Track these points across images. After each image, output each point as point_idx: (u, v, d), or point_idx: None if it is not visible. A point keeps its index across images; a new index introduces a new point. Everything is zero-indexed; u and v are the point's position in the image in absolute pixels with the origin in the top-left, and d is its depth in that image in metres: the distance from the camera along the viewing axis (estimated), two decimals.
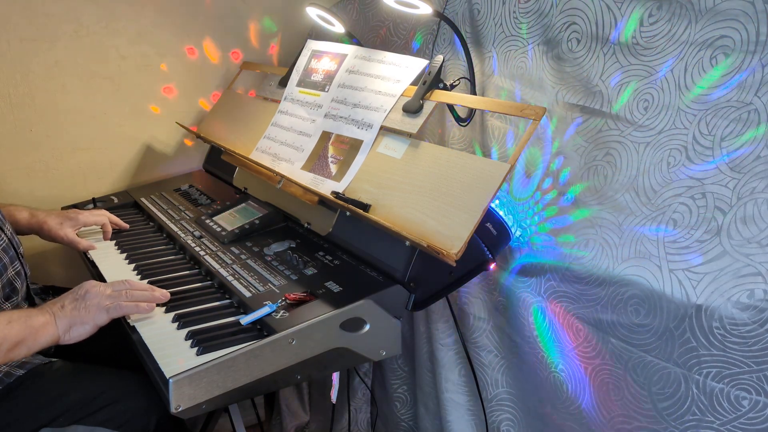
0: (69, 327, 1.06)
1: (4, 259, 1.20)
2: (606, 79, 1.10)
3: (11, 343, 1.00)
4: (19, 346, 1.01)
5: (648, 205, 1.03)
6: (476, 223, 1.01)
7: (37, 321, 1.04)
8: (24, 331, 1.01)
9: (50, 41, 1.68)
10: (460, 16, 1.40)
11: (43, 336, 1.03)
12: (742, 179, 0.92)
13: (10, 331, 1.00)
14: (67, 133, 1.76)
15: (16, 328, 1.01)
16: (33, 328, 1.03)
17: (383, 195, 1.19)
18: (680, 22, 1.00)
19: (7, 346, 0.99)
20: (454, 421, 1.49)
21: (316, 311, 1.05)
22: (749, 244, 0.90)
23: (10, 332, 1.00)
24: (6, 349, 0.99)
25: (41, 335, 1.03)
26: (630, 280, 1.04)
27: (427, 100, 1.24)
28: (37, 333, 1.03)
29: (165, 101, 1.89)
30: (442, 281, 1.18)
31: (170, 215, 1.61)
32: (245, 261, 1.30)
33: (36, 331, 1.03)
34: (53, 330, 1.04)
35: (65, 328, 1.05)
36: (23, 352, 1.02)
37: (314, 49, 1.58)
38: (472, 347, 1.41)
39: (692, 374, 0.97)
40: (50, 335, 1.04)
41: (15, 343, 1.00)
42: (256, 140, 1.58)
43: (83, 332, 1.07)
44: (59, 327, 1.05)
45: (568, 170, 1.17)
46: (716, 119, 0.95)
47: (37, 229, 1.45)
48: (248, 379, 0.97)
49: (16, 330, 1.00)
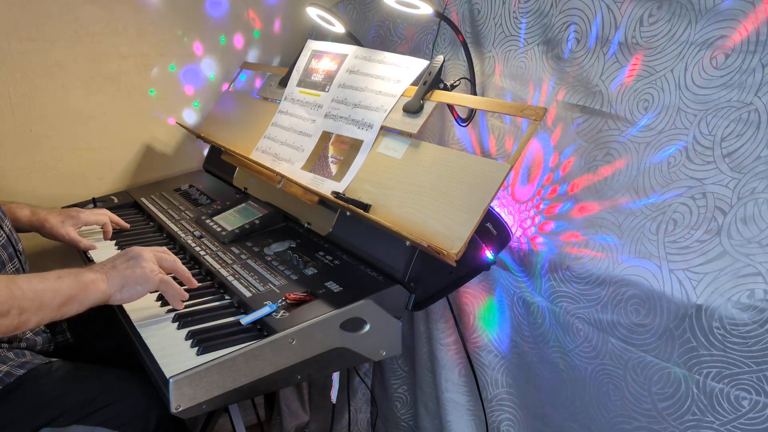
0: (122, 286, 1.05)
1: (3, 256, 1.20)
2: (606, 79, 1.10)
3: (64, 297, 0.99)
4: (71, 301, 1.00)
5: (648, 205, 1.03)
6: (477, 223, 1.01)
7: (87, 277, 1.03)
8: (75, 285, 1.00)
9: (50, 41, 1.68)
10: (460, 16, 1.41)
11: (93, 292, 1.02)
12: (742, 179, 0.92)
13: (61, 285, 0.99)
14: (67, 133, 1.76)
15: (67, 283, 1.00)
16: (84, 283, 1.02)
17: (383, 195, 1.19)
18: (680, 22, 1.00)
19: (59, 300, 0.98)
20: (454, 421, 1.49)
21: (316, 311, 1.05)
22: (749, 244, 0.90)
23: (61, 286, 0.99)
24: (58, 304, 0.98)
25: (92, 291, 1.02)
26: (630, 280, 1.04)
27: (427, 101, 1.24)
28: (88, 288, 1.02)
29: (165, 101, 1.89)
30: (443, 281, 1.18)
31: (170, 215, 1.61)
32: (245, 261, 1.30)
33: (86, 286, 1.02)
34: (104, 287, 1.04)
35: (117, 287, 1.05)
36: (75, 308, 1.01)
37: (314, 49, 1.58)
38: (472, 347, 1.41)
39: (692, 374, 0.97)
40: (101, 292, 1.03)
41: (67, 297, 0.99)
42: (256, 140, 1.58)
43: (134, 294, 1.07)
44: (111, 285, 1.04)
45: (568, 170, 1.17)
46: (716, 119, 0.95)
47: (38, 227, 1.45)
48: (248, 379, 0.97)
49: (67, 284, 1.00)
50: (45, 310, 0.98)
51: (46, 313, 0.98)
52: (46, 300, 0.97)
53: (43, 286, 0.98)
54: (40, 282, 0.98)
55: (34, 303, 0.96)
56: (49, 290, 0.98)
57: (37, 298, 0.96)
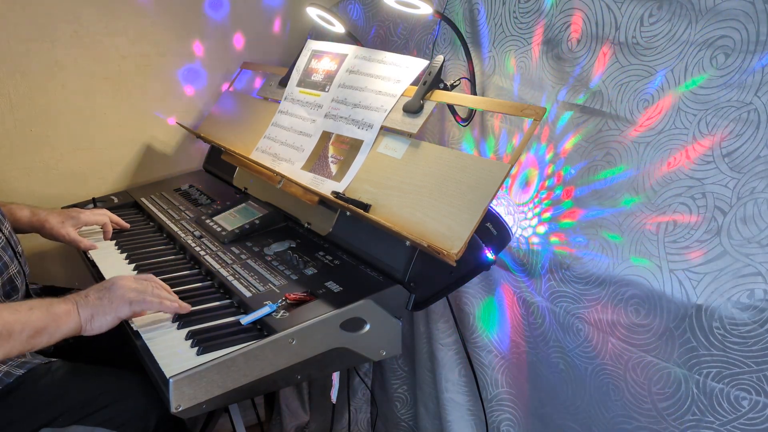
0: (91, 317, 1.04)
1: (4, 258, 1.20)
2: (606, 79, 1.10)
3: (33, 330, 0.98)
4: (41, 334, 0.99)
5: (648, 205, 1.03)
6: (477, 223, 1.01)
7: (59, 308, 1.02)
8: (46, 318, 1.00)
9: (50, 41, 1.68)
10: (460, 16, 1.40)
11: (65, 324, 1.02)
12: (742, 179, 0.92)
13: (30, 317, 0.98)
14: (67, 133, 1.76)
15: (37, 315, 0.99)
16: (55, 315, 1.01)
17: (383, 195, 1.19)
18: (680, 22, 1.00)
19: (28, 332, 0.98)
20: (454, 421, 1.49)
21: (316, 311, 1.05)
22: (749, 244, 0.90)
23: (30, 318, 0.98)
24: (27, 336, 0.98)
25: (63, 323, 1.02)
26: (630, 280, 1.04)
27: (427, 100, 1.24)
28: (59, 320, 1.01)
29: (165, 101, 1.89)
30: (443, 281, 1.18)
31: (170, 215, 1.61)
32: (245, 261, 1.30)
33: (58, 319, 1.01)
34: (75, 318, 1.03)
35: (87, 318, 1.04)
36: (44, 340, 1.00)
37: (314, 49, 1.58)
38: (472, 347, 1.41)
39: (692, 374, 0.97)
40: (72, 323, 1.03)
41: (37, 330, 0.98)
42: (256, 140, 1.58)
43: (104, 323, 1.06)
44: (82, 316, 1.04)
45: (567, 170, 1.17)
46: (716, 119, 0.95)
47: (38, 228, 1.45)
48: (248, 379, 0.97)
49: (37, 316, 0.99)
50: (12, 341, 0.97)
51: (14, 345, 0.97)
52: (15, 332, 0.97)
53: (13, 318, 0.97)
54: (10, 314, 0.97)
55: (2, 334, 0.95)
56: (19, 322, 0.97)
57: (5, 330, 0.96)
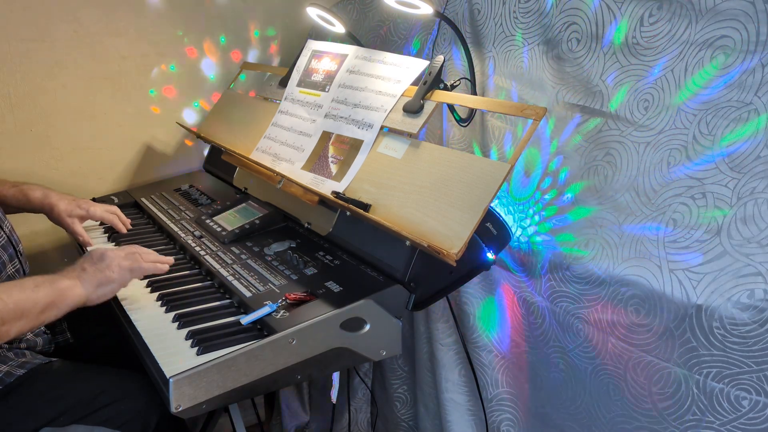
0: (96, 286, 1.08)
1: (3, 257, 1.20)
2: (606, 78, 1.10)
3: (42, 306, 1.01)
4: (49, 308, 1.02)
5: (648, 205, 1.03)
6: (477, 223, 1.01)
7: (63, 283, 1.05)
8: (52, 293, 1.03)
9: (50, 41, 1.68)
10: (460, 16, 1.41)
11: (71, 297, 1.05)
12: (742, 179, 0.92)
13: (37, 294, 1.01)
14: (67, 133, 1.76)
15: (44, 291, 1.02)
16: (60, 289, 1.04)
17: (383, 195, 1.19)
18: (680, 21, 1.00)
19: (38, 309, 1.01)
20: (454, 421, 1.49)
21: (316, 311, 1.05)
22: (749, 244, 0.90)
23: (37, 295, 1.01)
24: (37, 312, 1.01)
25: (69, 296, 1.05)
26: (630, 280, 1.04)
27: (427, 101, 1.24)
28: (65, 294, 1.05)
29: (165, 101, 1.89)
30: (443, 281, 1.18)
31: (170, 215, 1.61)
32: (245, 261, 1.30)
33: (63, 293, 1.04)
34: (80, 291, 1.06)
35: (92, 288, 1.08)
36: (53, 314, 1.03)
37: (314, 49, 1.58)
38: (472, 347, 1.41)
39: (692, 374, 0.97)
40: (78, 296, 1.06)
41: (45, 305, 1.02)
42: (256, 140, 1.58)
43: (109, 291, 1.11)
44: (86, 287, 1.07)
45: (567, 170, 1.17)
46: (716, 119, 0.95)
47: (47, 210, 1.46)
48: (248, 379, 0.97)
49: (44, 293, 1.02)
50: (25, 318, 1.00)
51: (27, 322, 1.00)
52: (27, 309, 1.00)
53: (24, 296, 1.00)
54: (19, 292, 1.00)
55: (16, 313, 0.98)
56: (29, 300, 1.00)
57: (18, 308, 0.99)
